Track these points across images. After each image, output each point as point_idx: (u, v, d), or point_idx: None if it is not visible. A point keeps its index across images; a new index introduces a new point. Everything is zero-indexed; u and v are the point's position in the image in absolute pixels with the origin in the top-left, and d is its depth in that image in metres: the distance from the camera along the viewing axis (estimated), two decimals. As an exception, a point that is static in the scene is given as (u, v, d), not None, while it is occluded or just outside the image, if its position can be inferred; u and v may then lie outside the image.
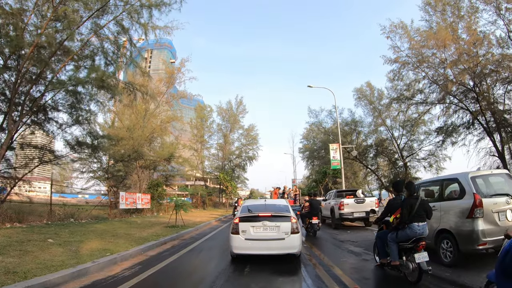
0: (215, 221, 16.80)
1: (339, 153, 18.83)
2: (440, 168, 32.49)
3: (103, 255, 6.00)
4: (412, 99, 24.87)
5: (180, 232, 9.93)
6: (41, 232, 8.11)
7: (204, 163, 38.76)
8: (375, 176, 36.13)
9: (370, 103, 32.34)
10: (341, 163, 18.84)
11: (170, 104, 25.06)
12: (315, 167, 49.78)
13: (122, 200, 14.91)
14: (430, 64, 22.68)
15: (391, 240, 4.59)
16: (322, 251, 7.39)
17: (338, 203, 11.60)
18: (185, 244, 8.40)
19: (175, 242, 8.65)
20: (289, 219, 5.77)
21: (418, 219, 4.33)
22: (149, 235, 8.99)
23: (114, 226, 10.91)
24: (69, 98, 13.11)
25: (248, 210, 6.20)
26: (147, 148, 22.35)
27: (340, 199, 11.84)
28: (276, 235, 5.65)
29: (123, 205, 14.93)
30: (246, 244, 5.63)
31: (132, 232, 9.37)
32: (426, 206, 4.48)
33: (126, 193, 15.49)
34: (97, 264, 5.33)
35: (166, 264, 5.92)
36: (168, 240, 8.62)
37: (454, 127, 24.93)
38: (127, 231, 9.70)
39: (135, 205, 15.77)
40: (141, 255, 6.67)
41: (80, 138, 15.39)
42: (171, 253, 6.98)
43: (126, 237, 8.23)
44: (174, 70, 23.68)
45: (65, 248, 6.40)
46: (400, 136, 32.53)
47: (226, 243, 8.54)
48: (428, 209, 4.49)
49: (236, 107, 38.86)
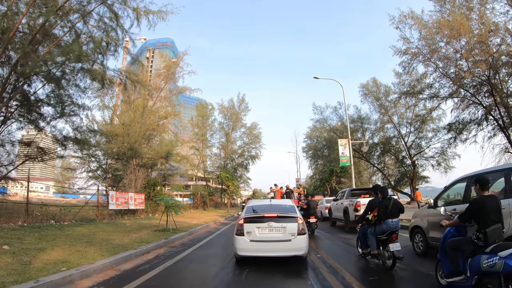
0: (214, 223, 15.23)
1: (348, 149, 17.21)
2: (449, 166, 30.85)
3: (58, 270, 4.52)
4: (423, 92, 23.24)
5: (169, 238, 8.42)
6: (2, 236, 6.67)
7: (205, 163, 37.25)
8: (381, 176, 34.49)
9: (376, 100, 30.76)
10: (351, 160, 17.21)
11: (169, 100, 23.60)
12: (318, 166, 48.29)
13: (112, 200, 13.45)
14: (442, 55, 21.08)
15: (370, 233, 5.39)
16: (337, 260, 5.85)
17: (353, 203, 10.01)
18: (173, 253, 6.88)
19: (161, 251, 7.13)
20: (296, 219, 5.51)
21: (392, 216, 5.13)
22: (131, 241, 7.49)
23: (96, 229, 9.44)
24: (51, 87, 11.76)
25: (253, 210, 5.95)
26: (145, 146, 20.94)
27: (356, 198, 10.24)
28: (282, 237, 5.38)
29: (113, 206, 13.47)
30: (251, 246, 5.36)
31: (112, 238, 7.89)
32: (399, 205, 5.28)
33: (117, 193, 14.03)
34: (41, 285, 3.85)
35: (139, 284, 4.42)
36: (152, 248, 7.09)
37: (465, 123, 23.36)
38: (108, 235, 8.22)
39: (127, 206, 14.30)
40: (110, 270, 5.16)
41: (70, 133, 14.12)
42: (152, 267, 5.48)
43: (101, 244, 6.73)
44: (172, 64, 22.20)
45: (15, 259, 4.94)
46: (408, 134, 30.92)
47: (223, 251, 7.08)
48: (400, 207, 5.29)
49: (238, 105, 37.41)
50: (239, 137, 38.92)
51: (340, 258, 6.28)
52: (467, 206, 3.51)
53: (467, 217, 3.49)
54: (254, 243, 5.34)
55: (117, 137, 19.44)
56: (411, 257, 6.02)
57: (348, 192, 11.79)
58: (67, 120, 12.42)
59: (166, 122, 22.12)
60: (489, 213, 3.20)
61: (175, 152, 20.18)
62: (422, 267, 5.18)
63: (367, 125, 32.47)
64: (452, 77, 21.85)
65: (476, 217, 3.33)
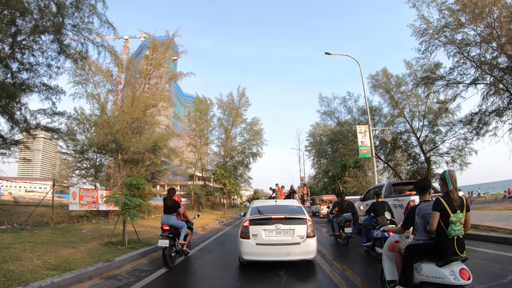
0: (202, 229, 11.70)
1: (369, 137, 13.82)
2: (464, 163, 27.29)
3: None
4: (444, 78, 19.96)
5: (115, 259, 5.16)
6: None
7: (203, 160, 33.94)
8: (391, 174, 31.07)
9: (387, 92, 27.40)
10: (372, 151, 13.73)
11: (159, 88, 20.44)
12: (322, 165, 45.02)
13: (73, 199, 10.32)
14: (466, 35, 17.93)
15: (335, 222, 7.89)
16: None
17: (403, 203, 6.77)
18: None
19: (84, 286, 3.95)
20: (305, 221, 5.03)
21: (346, 212, 7.61)
22: (44, 266, 4.34)
23: (27, 238, 6.32)
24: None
25: (259, 211, 5.38)
26: (133, 140, 17.83)
27: (405, 197, 6.93)
28: (291, 240, 4.86)
29: (75, 206, 10.33)
30: (257, 249, 4.79)
31: (24, 256, 4.76)
32: (350, 205, 7.70)
33: (81, 190, 10.88)
34: None
35: None
36: (65, 284, 3.90)
37: (487, 114, 20.09)
38: (25, 251, 5.12)
39: (95, 206, 11.16)
40: None
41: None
42: None
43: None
44: (159, 46, 19.05)
45: None
46: (421, 128, 27.53)
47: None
48: (351, 206, 7.71)
49: (238, 100, 34.15)
50: (239, 133, 35.73)
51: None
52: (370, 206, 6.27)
53: (368, 211, 6.21)
54: (261, 246, 4.83)
55: (96, 127, 16.40)
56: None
57: (388, 187, 8.43)
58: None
59: (155, 112, 18.99)
60: (379, 210, 5.91)
61: (162, 144, 16.95)
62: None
63: (378, 117, 29.16)
64: (476, 60, 18.63)
65: (373, 211, 6.03)
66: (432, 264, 2.62)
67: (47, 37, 11.66)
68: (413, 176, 28.75)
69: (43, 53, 11.56)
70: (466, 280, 2.40)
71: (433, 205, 2.65)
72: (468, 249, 2.94)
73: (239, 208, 32.31)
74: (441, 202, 2.59)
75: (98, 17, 10.18)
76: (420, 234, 2.82)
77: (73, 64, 13.67)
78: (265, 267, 4.94)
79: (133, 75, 18.59)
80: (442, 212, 2.57)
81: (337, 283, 4.11)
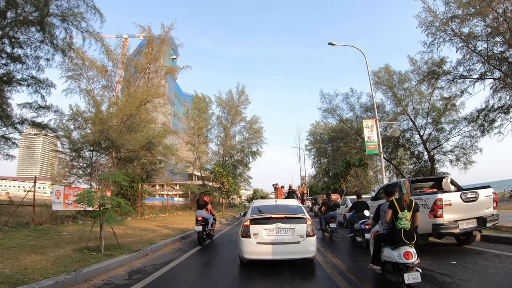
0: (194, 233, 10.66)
1: (375, 132, 12.90)
2: (469, 162, 26.37)
3: None
4: (449, 73, 19.09)
5: (82, 271, 4.20)
6: None
7: (201, 159, 33.03)
8: (392, 173, 30.16)
9: (389, 88, 26.53)
10: (379, 146, 12.80)
11: (157, 89, 19.58)
12: (322, 165, 44.18)
13: (57, 199, 9.47)
14: (474, 27, 17.09)
15: (323, 218, 9.20)
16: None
17: (428, 203, 5.44)
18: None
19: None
20: (305, 220, 5.07)
21: (331, 210, 8.88)
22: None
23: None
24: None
25: (259, 211, 5.42)
26: (128, 137, 16.98)
27: (430, 195, 5.60)
28: (291, 239, 4.92)
29: (59, 206, 9.49)
30: (258, 248, 4.84)
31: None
32: (336, 204, 9.17)
33: (66, 188, 10.02)
34: None
35: None
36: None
37: (492, 110, 19.26)
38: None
39: (82, 206, 10.29)
40: None
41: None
42: None
43: None
44: (154, 39, 18.19)
45: None
46: (424, 126, 26.65)
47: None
48: (336, 205, 9.13)
49: (237, 97, 33.24)
50: (238, 131, 34.82)
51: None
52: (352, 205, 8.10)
53: (351, 209, 7.93)
54: (261, 245, 4.84)
55: (89, 123, 15.58)
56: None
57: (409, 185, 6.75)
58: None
59: (151, 109, 18.13)
60: (359, 208, 7.43)
61: (157, 142, 16.08)
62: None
63: (381, 114, 28.31)
64: (484, 54, 17.78)
65: (355, 209, 7.59)
66: (389, 248, 3.54)
67: (32, 27, 10.88)
68: (417, 175, 27.86)
69: (26, 41, 10.76)
70: (409, 260, 3.24)
71: (389, 204, 3.64)
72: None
73: (238, 208, 31.36)
74: (394, 203, 3.55)
75: (84, 1, 9.27)
76: (383, 225, 3.82)
77: (62, 56, 12.86)
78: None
79: (127, 70, 17.75)
80: (393, 210, 3.51)
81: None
